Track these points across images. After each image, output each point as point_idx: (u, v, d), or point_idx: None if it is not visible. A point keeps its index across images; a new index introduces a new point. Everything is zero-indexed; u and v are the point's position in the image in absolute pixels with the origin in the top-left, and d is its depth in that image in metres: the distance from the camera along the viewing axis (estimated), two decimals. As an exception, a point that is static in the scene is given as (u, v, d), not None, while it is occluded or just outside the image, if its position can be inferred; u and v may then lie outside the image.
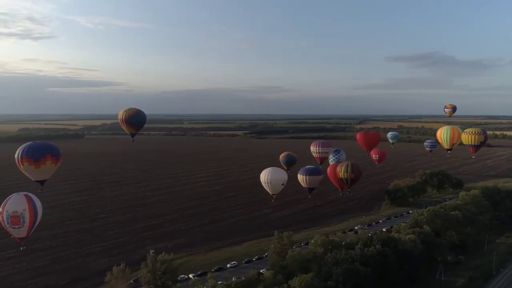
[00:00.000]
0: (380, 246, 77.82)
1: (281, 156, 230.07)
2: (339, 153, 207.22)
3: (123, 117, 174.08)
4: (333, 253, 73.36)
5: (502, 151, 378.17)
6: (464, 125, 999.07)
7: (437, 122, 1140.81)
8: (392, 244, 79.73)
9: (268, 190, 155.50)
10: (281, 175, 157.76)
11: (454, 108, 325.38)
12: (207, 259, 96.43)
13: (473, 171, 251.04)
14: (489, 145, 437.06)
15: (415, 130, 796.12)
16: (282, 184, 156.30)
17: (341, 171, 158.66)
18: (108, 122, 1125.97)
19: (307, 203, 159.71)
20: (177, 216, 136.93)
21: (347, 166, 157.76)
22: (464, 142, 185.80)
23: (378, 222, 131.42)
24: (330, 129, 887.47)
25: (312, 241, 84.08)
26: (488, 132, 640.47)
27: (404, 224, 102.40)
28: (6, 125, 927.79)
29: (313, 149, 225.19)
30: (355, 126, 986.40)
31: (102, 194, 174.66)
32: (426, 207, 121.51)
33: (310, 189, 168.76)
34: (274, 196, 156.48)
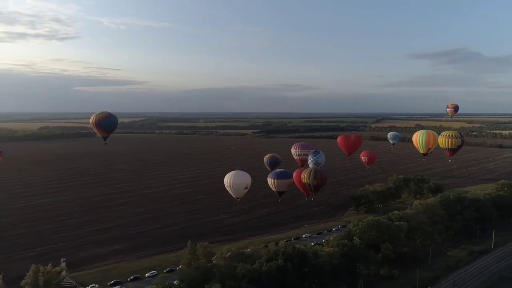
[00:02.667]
0: (282, 261, 74.90)
1: (265, 158, 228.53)
2: (317, 154, 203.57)
3: (94, 120, 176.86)
4: (223, 269, 71.08)
5: (510, 153, 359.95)
6: (487, 124, 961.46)
7: (458, 121, 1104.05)
8: (296, 259, 76.51)
9: (231, 193, 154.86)
10: (244, 179, 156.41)
11: (456, 108, 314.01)
12: (132, 267, 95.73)
13: (467, 175, 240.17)
14: (501, 146, 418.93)
15: (433, 129, 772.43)
16: (245, 188, 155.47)
17: (304, 177, 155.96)
18: (126, 120, 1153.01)
19: (270, 208, 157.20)
20: (131, 220, 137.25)
21: (310, 172, 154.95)
22: (441, 146, 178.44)
23: (330, 230, 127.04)
24: (344, 128, 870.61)
25: (218, 253, 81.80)
26: (504, 132, 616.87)
27: (334, 235, 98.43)
28: (28, 123, 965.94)
29: (294, 151, 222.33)
30: (372, 125, 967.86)
31: (76, 195, 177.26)
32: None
33: (280, 193, 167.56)
34: (239, 200, 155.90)
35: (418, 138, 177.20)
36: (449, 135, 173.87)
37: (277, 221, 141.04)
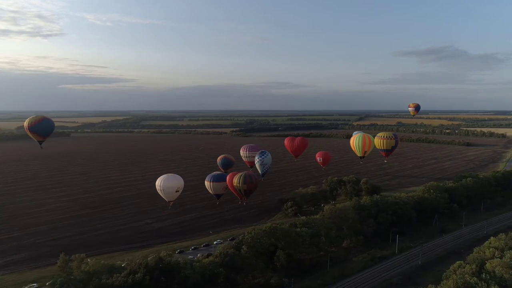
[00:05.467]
0: (142, 274, 72.50)
1: (218, 159, 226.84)
2: (264, 154, 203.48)
3: (27, 125, 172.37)
4: (71, 284, 68.43)
5: (475, 151, 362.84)
6: (467, 122, 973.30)
7: (439, 118, 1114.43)
8: (157, 272, 74.20)
9: (163, 197, 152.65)
10: (175, 182, 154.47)
11: (417, 107, 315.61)
12: (16, 280, 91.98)
13: (419, 174, 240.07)
14: (468, 144, 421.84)
15: (413, 127, 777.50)
16: (177, 191, 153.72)
17: (235, 181, 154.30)
18: (108, 119, 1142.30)
19: (198, 212, 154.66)
20: (47, 228, 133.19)
21: (240, 176, 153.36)
22: (377, 147, 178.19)
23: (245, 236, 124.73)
24: (325, 126, 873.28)
25: (83, 266, 78.95)
26: (477, 129, 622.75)
27: (224, 244, 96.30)
28: (8, 122, 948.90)
29: (242, 153, 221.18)
30: (354, 123, 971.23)
31: (7, 201, 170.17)
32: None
33: (217, 196, 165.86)
34: (171, 203, 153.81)
35: (355, 142, 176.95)
36: (383, 136, 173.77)
37: (200, 226, 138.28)
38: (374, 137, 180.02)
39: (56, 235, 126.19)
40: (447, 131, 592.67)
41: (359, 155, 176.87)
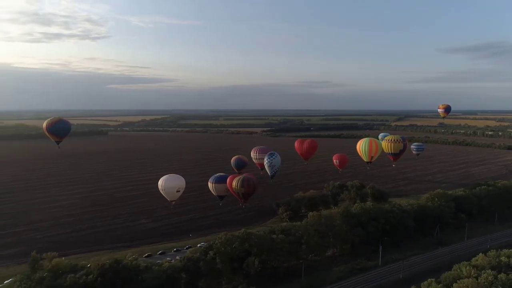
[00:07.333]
0: (94, 276, 73.64)
1: (232, 160, 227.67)
2: (272, 156, 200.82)
3: (45, 126, 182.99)
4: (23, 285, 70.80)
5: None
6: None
7: (487, 119, 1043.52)
8: (109, 275, 74.99)
9: (165, 197, 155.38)
10: (176, 182, 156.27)
11: (447, 108, 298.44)
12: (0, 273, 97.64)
13: (442, 180, 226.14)
14: (510, 148, 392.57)
15: (454, 128, 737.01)
16: (178, 191, 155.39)
17: (234, 184, 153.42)
18: (148, 118, 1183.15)
19: (196, 213, 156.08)
20: (50, 224, 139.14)
21: (239, 180, 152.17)
22: (385, 151, 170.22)
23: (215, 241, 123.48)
24: (360, 126, 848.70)
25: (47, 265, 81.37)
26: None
27: (192, 249, 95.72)
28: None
29: (253, 155, 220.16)
30: (392, 123, 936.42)
31: (22, 197, 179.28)
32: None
33: (220, 197, 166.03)
34: (173, 203, 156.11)
35: (361, 147, 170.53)
36: (391, 140, 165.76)
37: (195, 227, 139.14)
38: (382, 141, 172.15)
39: (55, 232, 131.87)
40: (490, 133, 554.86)
41: (365, 160, 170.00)
